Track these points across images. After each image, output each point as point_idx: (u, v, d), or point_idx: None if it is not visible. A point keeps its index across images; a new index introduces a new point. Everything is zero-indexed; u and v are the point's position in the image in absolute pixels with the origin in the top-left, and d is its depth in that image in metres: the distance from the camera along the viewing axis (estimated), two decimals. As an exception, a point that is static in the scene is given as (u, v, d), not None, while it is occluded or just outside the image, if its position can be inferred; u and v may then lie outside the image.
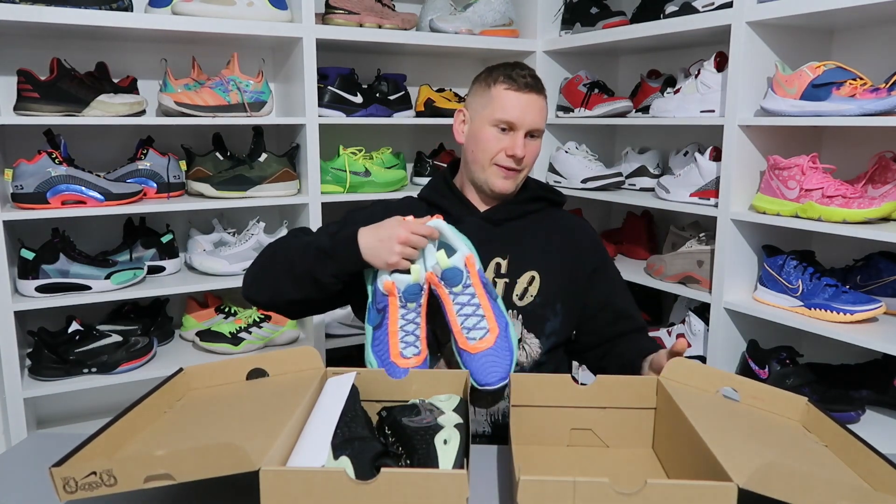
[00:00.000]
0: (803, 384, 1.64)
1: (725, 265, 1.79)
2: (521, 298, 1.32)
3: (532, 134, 1.34)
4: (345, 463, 0.80)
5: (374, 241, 1.17)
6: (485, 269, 1.32)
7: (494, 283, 1.33)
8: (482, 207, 1.39)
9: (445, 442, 0.85)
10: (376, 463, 0.81)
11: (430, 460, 0.83)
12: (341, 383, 1.00)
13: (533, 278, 1.33)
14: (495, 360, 1.13)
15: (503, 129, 1.32)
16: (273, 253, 1.30)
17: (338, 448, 0.83)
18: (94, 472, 0.75)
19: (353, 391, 1.00)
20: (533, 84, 1.33)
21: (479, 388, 1.13)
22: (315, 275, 1.21)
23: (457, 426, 0.90)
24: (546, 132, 2.36)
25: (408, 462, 0.88)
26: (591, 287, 1.39)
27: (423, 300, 1.18)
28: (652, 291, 2.11)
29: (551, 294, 1.33)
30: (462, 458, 0.83)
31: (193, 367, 1.09)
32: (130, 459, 0.75)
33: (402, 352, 1.15)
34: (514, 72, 1.33)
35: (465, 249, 1.19)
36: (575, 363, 1.69)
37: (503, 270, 1.33)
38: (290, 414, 0.88)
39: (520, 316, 1.31)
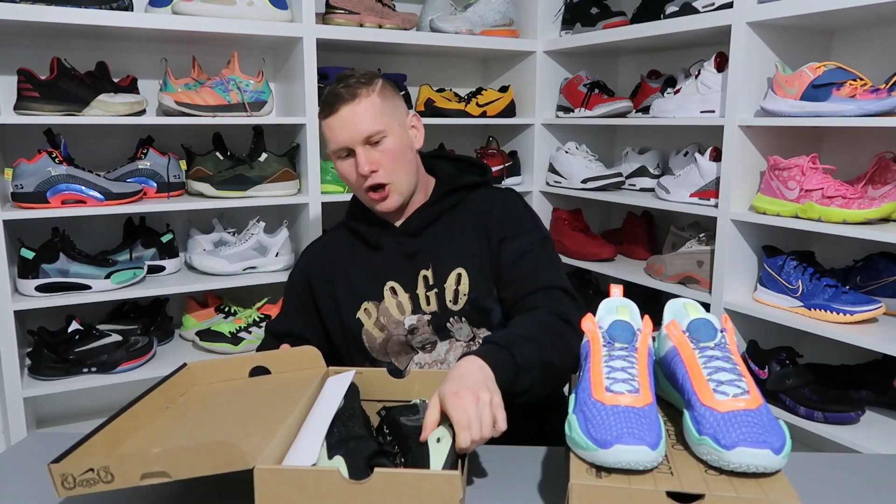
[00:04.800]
0: (803, 384, 1.64)
1: (725, 266, 1.79)
2: (455, 302, 1.26)
3: (372, 141, 1.24)
4: (339, 462, 0.80)
5: None
6: (415, 285, 1.27)
7: (427, 299, 1.26)
8: (397, 220, 1.33)
9: (438, 440, 0.85)
10: (371, 462, 0.81)
11: (422, 459, 0.83)
12: (341, 382, 1.00)
13: (460, 276, 1.26)
14: (759, 423, 0.75)
15: (346, 156, 1.26)
16: None
17: (333, 447, 0.83)
18: (92, 469, 0.76)
19: (353, 389, 1.00)
20: (344, 93, 1.22)
21: (723, 450, 0.73)
22: None
23: (450, 425, 0.90)
24: (546, 132, 2.39)
25: (403, 461, 0.88)
26: (498, 256, 1.27)
27: (641, 345, 0.88)
28: (652, 292, 2.11)
29: (483, 283, 1.25)
30: (454, 458, 0.83)
31: (197, 363, 1.10)
32: (127, 456, 0.76)
33: (609, 387, 0.81)
34: (328, 94, 1.25)
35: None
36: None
37: (431, 281, 1.27)
38: (288, 413, 0.88)
39: (463, 319, 1.26)
